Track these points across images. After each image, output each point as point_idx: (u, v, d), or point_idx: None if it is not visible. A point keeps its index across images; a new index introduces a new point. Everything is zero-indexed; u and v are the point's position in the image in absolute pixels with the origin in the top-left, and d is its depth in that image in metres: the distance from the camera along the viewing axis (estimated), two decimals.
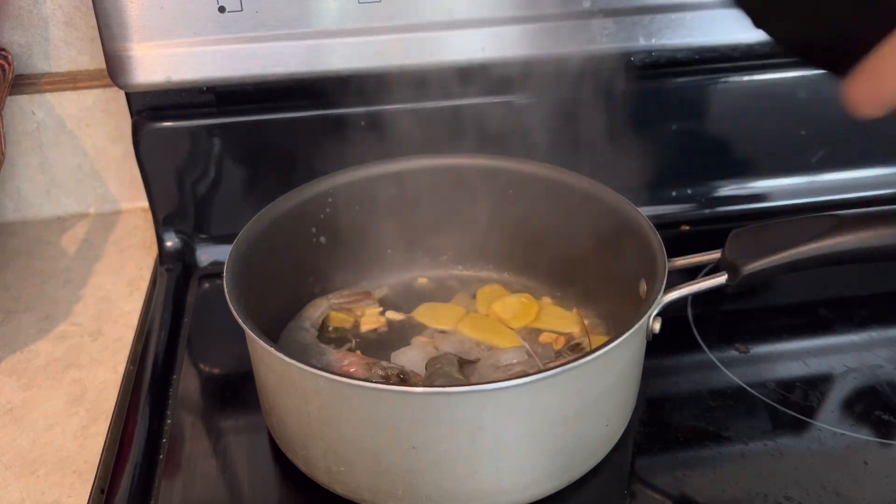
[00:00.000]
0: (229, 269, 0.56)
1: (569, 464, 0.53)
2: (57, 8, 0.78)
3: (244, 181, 0.78)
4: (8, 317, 0.73)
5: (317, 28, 0.70)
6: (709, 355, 0.65)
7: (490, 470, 0.51)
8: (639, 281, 0.59)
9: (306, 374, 0.49)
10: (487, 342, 0.65)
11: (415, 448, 0.49)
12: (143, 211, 0.87)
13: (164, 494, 0.55)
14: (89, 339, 0.70)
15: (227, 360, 0.66)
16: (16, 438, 0.60)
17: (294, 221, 0.65)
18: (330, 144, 0.77)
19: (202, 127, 0.75)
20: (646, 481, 0.55)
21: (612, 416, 0.55)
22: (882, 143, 0.85)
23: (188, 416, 0.61)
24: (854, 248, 0.56)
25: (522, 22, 0.73)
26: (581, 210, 0.65)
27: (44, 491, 0.56)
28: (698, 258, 0.60)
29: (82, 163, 0.84)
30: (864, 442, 0.58)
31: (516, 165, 0.68)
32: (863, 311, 0.71)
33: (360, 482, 0.51)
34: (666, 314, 0.55)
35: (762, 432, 0.58)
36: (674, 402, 0.61)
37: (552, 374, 0.48)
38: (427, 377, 0.60)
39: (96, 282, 0.77)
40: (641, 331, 0.53)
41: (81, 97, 0.81)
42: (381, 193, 0.68)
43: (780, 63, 0.80)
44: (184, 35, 0.69)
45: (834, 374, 0.64)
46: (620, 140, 0.81)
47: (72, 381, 0.65)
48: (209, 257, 0.78)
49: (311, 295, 0.68)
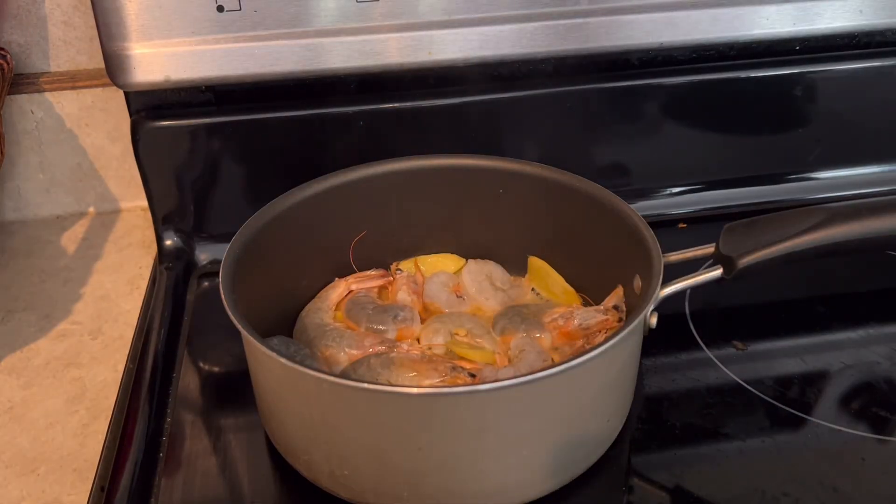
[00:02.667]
0: (225, 271, 0.56)
1: (571, 461, 0.53)
2: (56, 7, 0.78)
3: (243, 180, 0.78)
4: (8, 316, 0.73)
5: (315, 27, 0.71)
6: (706, 352, 0.65)
7: (494, 469, 0.51)
8: (633, 277, 0.59)
9: (309, 378, 0.49)
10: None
11: (420, 449, 0.49)
12: (142, 210, 0.87)
13: (164, 492, 0.55)
14: (89, 337, 0.70)
15: (227, 358, 0.66)
16: (16, 437, 0.60)
17: (293, 221, 0.65)
18: (328, 143, 0.77)
19: (201, 126, 0.75)
20: (644, 477, 0.55)
21: (611, 411, 0.55)
22: (875, 142, 0.86)
23: (188, 414, 0.62)
24: (847, 240, 0.57)
25: (521, 21, 0.73)
26: (573, 208, 0.65)
27: (44, 489, 0.56)
28: (692, 252, 0.60)
29: (81, 162, 0.84)
30: (861, 438, 0.58)
31: (507, 165, 0.68)
32: (860, 308, 0.71)
33: (365, 485, 0.51)
34: (663, 312, 0.55)
35: (759, 429, 0.59)
36: (671, 399, 0.62)
37: (555, 372, 0.48)
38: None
39: (96, 281, 0.77)
40: (639, 326, 0.53)
41: (80, 96, 0.81)
42: (381, 193, 0.68)
43: (775, 62, 0.81)
44: (182, 34, 0.69)
45: (831, 370, 0.64)
46: (619, 139, 0.82)
47: (72, 380, 0.65)
48: (208, 256, 0.78)
49: (307, 297, 0.68)
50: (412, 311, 0.64)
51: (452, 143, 0.78)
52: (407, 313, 0.64)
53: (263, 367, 0.54)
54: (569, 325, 0.61)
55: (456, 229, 0.71)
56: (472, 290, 0.67)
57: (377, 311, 0.64)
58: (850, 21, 0.78)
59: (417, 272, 0.69)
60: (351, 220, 0.68)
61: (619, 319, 0.60)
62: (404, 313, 0.64)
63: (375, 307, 0.65)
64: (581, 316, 0.61)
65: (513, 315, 0.64)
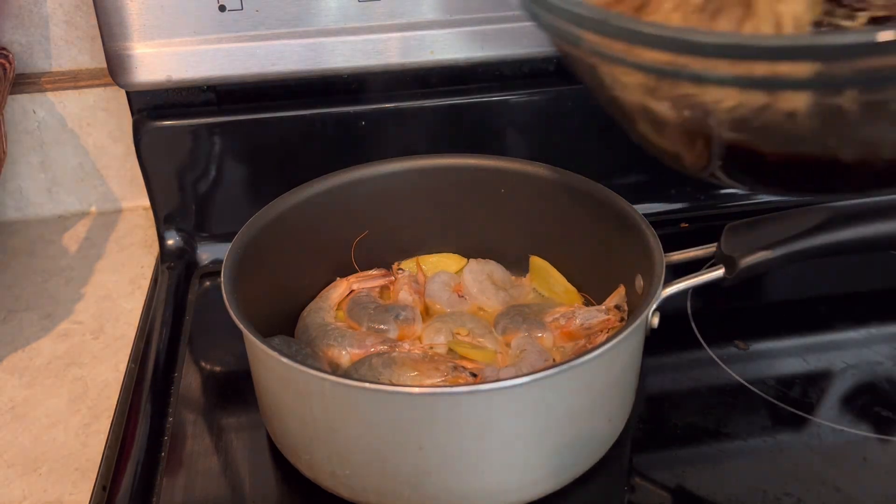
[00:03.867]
0: (227, 271, 0.56)
1: (573, 460, 0.53)
2: (58, 7, 0.78)
3: (245, 180, 0.78)
4: (10, 315, 0.73)
5: (317, 27, 0.71)
6: (708, 352, 0.65)
7: (496, 469, 0.51)
8: (635, 276, 0.59)
9: (310, 377, 0.49)
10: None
11: (422, 449, 0.49)
12: (144, 209, 0.87)
13: (165, 492, 0.55)
14: (91, 337, 0.70)
15: (229, 357, 0.66)
16: (18, 436, 0.60)
17: (294, 220, 0.65)
18: (330, 143, 0.77)
19: (203, 125, 0.75)
20: (646, 477, 0.55)
21: (613, 411, 0.55)
22: None
23: (190, 413, 0.62)
24: (848, 240, 0.57)
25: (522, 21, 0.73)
26: (576, 208, 0.65)
27: (46, 488, 0.56)
28: (694, 252, 0.60)
29: (83, 162, 0.84)
30: (863, 438, 0.58)
31: (508, 164, 0.68)
32: (862, 308, 0.71)
33: (366, 485, 0.51)
34: (665, 311, 0.55)
35: (761, 429, 0.59)
36: (673, 398, 0.61)
37: (557, 372, 0.48)
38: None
39: (98, 280, 0.77)
40: (641, 326, 0.53)
41: (82, 96, 0.81)
42: (382, 192, 0.68)
43: None
44: (184, 34, 0.69)
45: (833, 370, 0.64)
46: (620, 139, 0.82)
47: (73, 380, 0.65)
48: (210, 255, 0.78)
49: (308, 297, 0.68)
50: (414, 311, 0.64)
51: (454, 143, 0.78)
52: (408, 313, 0.64)
53: (265, 367, 0.54)
54: (570, 325, 0.61)
55: (457, 229, 0.71)
56: (473, 289, 0.67)
57: (379, 310, 0.64)
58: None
59: (419, 272, 0.69)
60: (352, 220, 0.68)
61: (620, 319, 0.60)
62: (406, 313, 0.64)
63: (377, 307, 0.65)
64: (583, 315, 0.61)
65: (514, 314, 0.64)
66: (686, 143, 0.43)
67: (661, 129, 0.43)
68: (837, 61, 0.32)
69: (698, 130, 0.41)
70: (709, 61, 0.33)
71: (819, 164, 0.40)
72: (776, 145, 0.40)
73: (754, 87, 0.34)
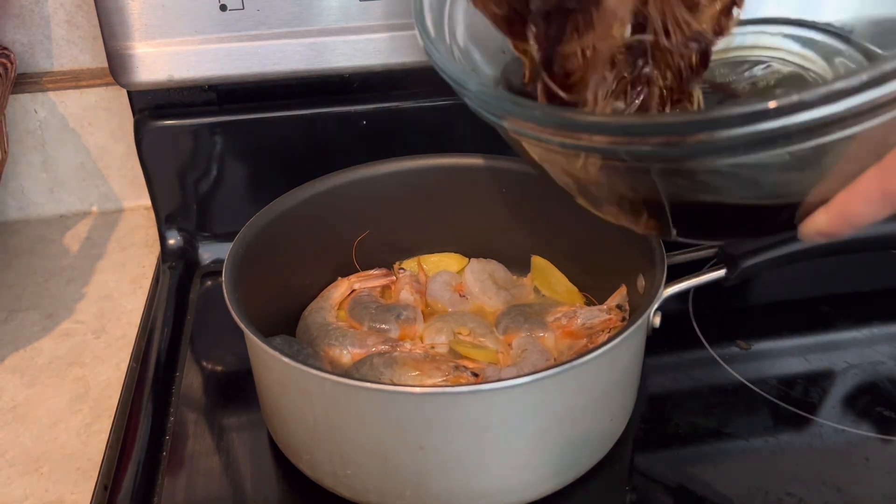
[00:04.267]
0: (228, 270, 0.56)
1: (574, 460, 0.53)
2: (59, 7, 0.78)
3: (246, 179, 0.78)
4: (11, 315, 0.73)
5: (318, 26, 0.71)
6: (710, 352, 0.65)
7: (498, 468, 0.51)
8: (637, 276, 0.59)
9: (311, 377, 0.49)
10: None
11: (423, 448, 0.49)
12: (145, 209, 0.87)
13: (166, 491, 0.55)
14: (92, 336, 0.70)
15: (230, 357, 0.66)
16: (19, 436, 0.60)
17: (295, 220, 0.65)
18: (331, 142, 0.77)
19: (204, 125, 0.75)
20: (648, 476, 0.55)
21: (615, 411, 0.55)
22: None
23: (191, 413, 0.62)
24: (849, 239, 0.56)
25: None
26: (577, 207, 0.65)
27: (47, 488, 0.56)
28: (696, 252, 0.60)
29: (85, 161, 0.84)
30: (865, 438, 0.58)
31: (509, 164, 0.68)
32: (864, 308, 0.71)
33: (368, 485, 0.51)
34: (667, 311, 0.55)
35: (763, 428, 0.58)
36: (675, 398, 0.61)
37: (558, 371, 0.48)
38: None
39: (99, 280, 0.77)
40: (642, 326, 0.53)
41: (84, 96, 0.81)
42: (384, 192, 0.68)
43: None
44: (185, 33, 0.69)
45: (835, 370, 0.64)
46: None
47: (75, 379, 0.65)
48: (211, 255, 0.78)
49: (310, 297, 0.68)
50: (415, 311, 0.64)
51: (455, 143, 0.78)
52: (410, 312, 0.64)
53: (266, 367, 0.54)
54: (572, 325, 0.61)
55: (459, 228, 0.71)
56: (474, 289, 0.67)
57: (380, 310, 0.64)
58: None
59: (420, 271, 0.69)
60: (354, 220, 0.68)
61: (622, 319, 0.60)
62: (407, 312, 0.64)
63: (378, 306, 0.65)
64: (584, 315, 0.61)
65: (516, 314, 0.64)
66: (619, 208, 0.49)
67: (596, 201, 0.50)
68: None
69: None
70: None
71: (722, 210, 0.44)
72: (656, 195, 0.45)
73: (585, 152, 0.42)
